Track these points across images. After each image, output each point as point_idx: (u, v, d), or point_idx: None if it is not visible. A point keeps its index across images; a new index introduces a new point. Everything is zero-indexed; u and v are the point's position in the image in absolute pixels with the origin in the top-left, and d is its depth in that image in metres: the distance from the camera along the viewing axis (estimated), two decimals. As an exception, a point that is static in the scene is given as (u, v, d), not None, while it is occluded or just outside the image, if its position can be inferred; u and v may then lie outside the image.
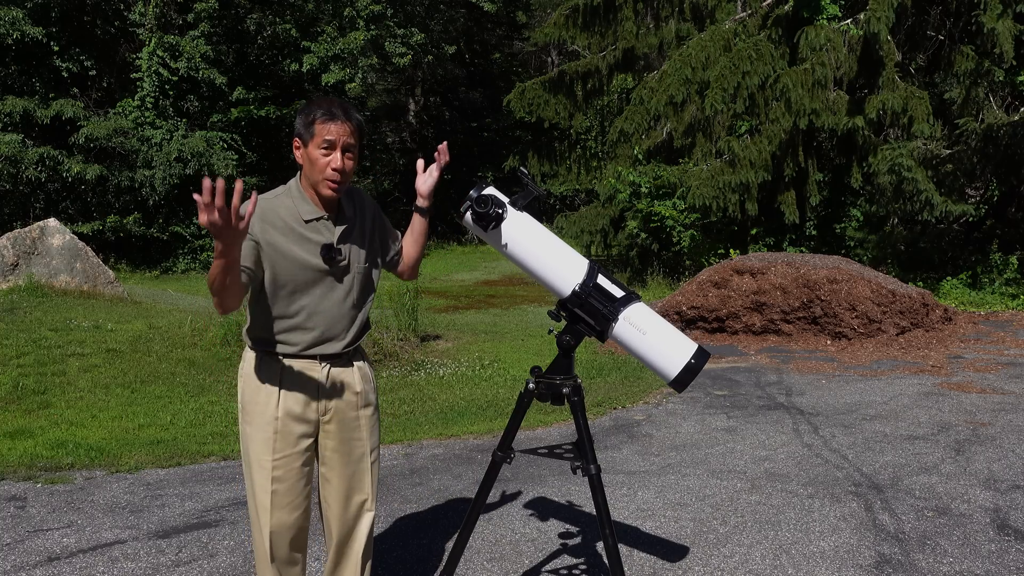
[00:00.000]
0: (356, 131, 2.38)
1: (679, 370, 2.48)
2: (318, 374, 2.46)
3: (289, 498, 2.47)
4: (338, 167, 2.35)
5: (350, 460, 2.54)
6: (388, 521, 3.96)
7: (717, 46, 14.38)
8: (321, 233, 2.41)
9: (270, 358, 2.44)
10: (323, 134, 2.33)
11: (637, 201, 15.17)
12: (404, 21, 21.53)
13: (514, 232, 2.52)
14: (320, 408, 2.48)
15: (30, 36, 16.71)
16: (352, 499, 2.56)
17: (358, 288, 2.50)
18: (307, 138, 2.35)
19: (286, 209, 2.40)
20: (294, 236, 2.38)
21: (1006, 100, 13.46)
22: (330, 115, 2.33)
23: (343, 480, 2.54)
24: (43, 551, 3.60)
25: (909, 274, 12.99)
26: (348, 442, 2.53)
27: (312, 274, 2.40)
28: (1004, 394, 6.56)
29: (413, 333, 9.10)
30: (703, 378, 7.07)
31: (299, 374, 2.44)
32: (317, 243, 2.40)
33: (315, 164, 2.35)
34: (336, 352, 2.47)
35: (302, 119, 2.37)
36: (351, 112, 2.38)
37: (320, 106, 2.36)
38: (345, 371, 2.52)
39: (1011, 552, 3.61)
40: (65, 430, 5.66)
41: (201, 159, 17.40)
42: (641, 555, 3.58)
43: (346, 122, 2.35)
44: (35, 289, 9.81)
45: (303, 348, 2.43)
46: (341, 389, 2.50)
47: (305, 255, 2.38)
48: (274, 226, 2.37)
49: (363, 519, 2.59)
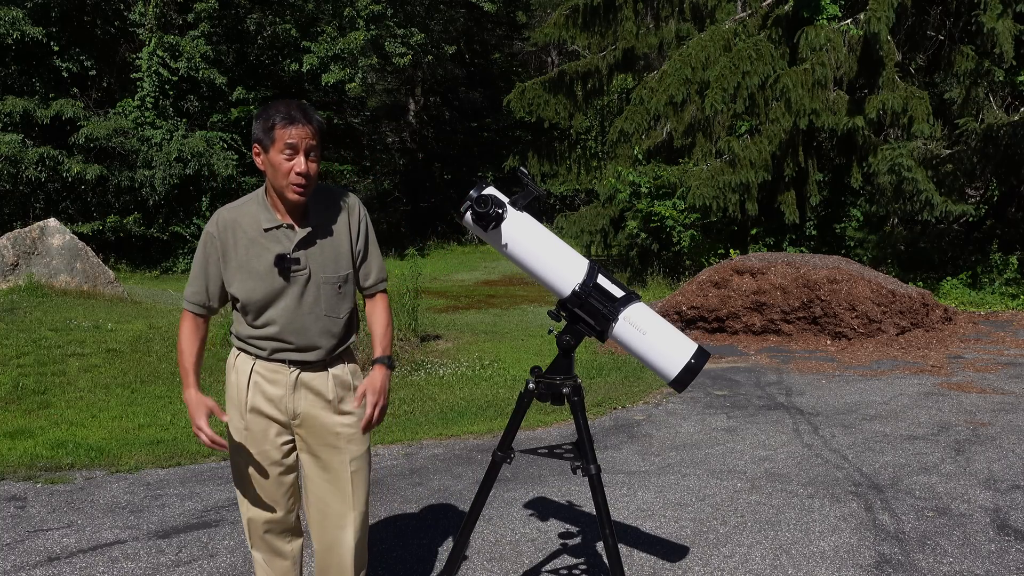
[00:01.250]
0: (317, 133, 2.33)
1: (679, 370, 2.48)
2: (285, 378, 2.44)
3: (265, 493, 2.50)
4: (302, 171, 2.29)
5: (327, 469, 2.49)
6: (388, 521, 3.96)
7: (717, 46, 14.38)
8: (280, 242, 2.37)
9: (245, 356, 2.48)
10: (284, 138, 2.27)
11: (637, 201, 15.16)
12: (404, 21, 21.51)
13: (514, 232, 2.52)
14: (288, 412, 2.46)
15: (30, 36, 16.71)
16: (332, 506, 2.50)
17: (328, 297, 2.42)
18: (267, 143, 2.29)
19: (249, 218, 2.38)
20: (254, 248, 2.37)
21: (1006, 100, 13.45)
22: (290, 118, 2.27)
23: (318, 490, 2.50)
24: (43, 551, 3.60)
25: (909, 274, 12.98)
26: (323, 450, 2.48)
27: (274, 286, 2.37)
28: (1004, 394, 6.56)
29: (413, 333, 9.10)
30: (703, 378, 7.07)
31: (267, 376, 2.45)
32: (274, 253, 2.36)
33: (278, 169, 2.29)
34: (309, 360, 2.45)
35: (260, 124, 2.30)
36: (311, 114, 2.33)
37: (278, 110, 2.30)
38: (316, 376, 2.46)
39: (1011, 552, 3.61)
40: (65, 430, 5.66)
41: (201, 159, 17.39)
42: (641, 555, 3.58)
43: (307, 124, 2.29)
44: (35, 289, 9.81)
45: (272, 353, 2.43)
46: (310, 395, 2.46)
47: (263, 265, 2.36)
48: (236, 239, 2.38)
49: (344, 532, 2.50)
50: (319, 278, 2.40)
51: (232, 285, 2.39)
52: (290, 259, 2.35)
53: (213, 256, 2.39)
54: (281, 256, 2.35)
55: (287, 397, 2.44)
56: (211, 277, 2.41)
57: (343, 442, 2.48)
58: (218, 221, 2.40)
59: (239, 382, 2.46)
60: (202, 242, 2.42)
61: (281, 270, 2.35)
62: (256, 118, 2.34)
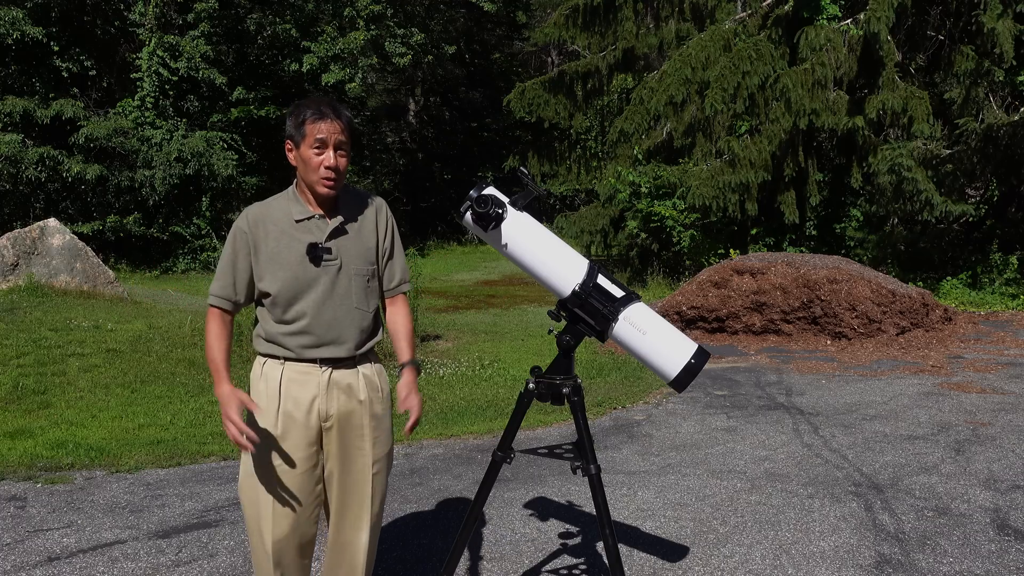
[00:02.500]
0: (347, 128, 2.39)
1: (679, 370, 2.48)
2: (318, 378, 2.42)
3: (291, 504, 2.43)
4: (331, 164, 2.35)
5: (353, 468, 2.49)
6: (388, 521, 3.96)
7: (717, 46, 14.38)
8: (311, 232, 2.41)
9: (274, 362, 2.45)
10: (314, 133, 2.34)
11: (637, 201, 15.16)
12: (404, 21, 21.51)
13: (514, 232, 2.52)
14: (321, 414, 2.43)
15: (30, 36, 16.70)
16: (351, 507, 2.51)
17: (358, 289, 2.44)
18: (299, 139, 2.37)
19: (280, 212, 2.43)
20: (285, 239, 2.40)
21: (1006, 100, 13.44)
22: (320, 114, 2.34)
23: (343, 487, 2.49)
24: (43, 551, 3.60)
25: (909, 274, 12.98)
26: (349, 450, 2.48)
27: (304, 276, 2.39)
28: (1004, 394, 6.56)
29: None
30: (703, 378, 7.07)
31: (298, 378, 2.42)
32: (306, 242, 2.40)
33: (309, 164, 2.36)
34: (339, 356, 2.44)
35: (292, 121, 2.38)
36: (340, 110, 2.39)
37: (309, 106, 2.37)
38: (348, 374, 2.46)
39: (1011, 552, 3.61)
40: (65, 430, 5.66)
41: (201, 159, 17.38)
42: (641, 555, 3.58)
43: (336, 120, 2.36)
44: (35, 289, 9.81)
45: (302, 351, 2.41)
46: (343, 395, 2.45)
47: (294, 256, 2.39)
48: (267, 232, 2.41)
49: (362, 530, 2.52)
50: (350, 269, 2.43)
51: (263, 279, 2.40)
52: (322, 248, 2.39)
53: (243, 251, 2.41)
54: (313, 244, 2.39)
55: (320, 398, 2.42)
56: (239, 271, 2.42)
57: (368, 444, 2.49)
58: (248, 216, 2.43)
59: (269, 390, 2.43)
60: (231, 238, 2.44)
61: (313, 257, 2.38)
62: (288, 115, 2.41)
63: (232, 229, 2.44)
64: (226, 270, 2.43)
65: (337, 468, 2.48)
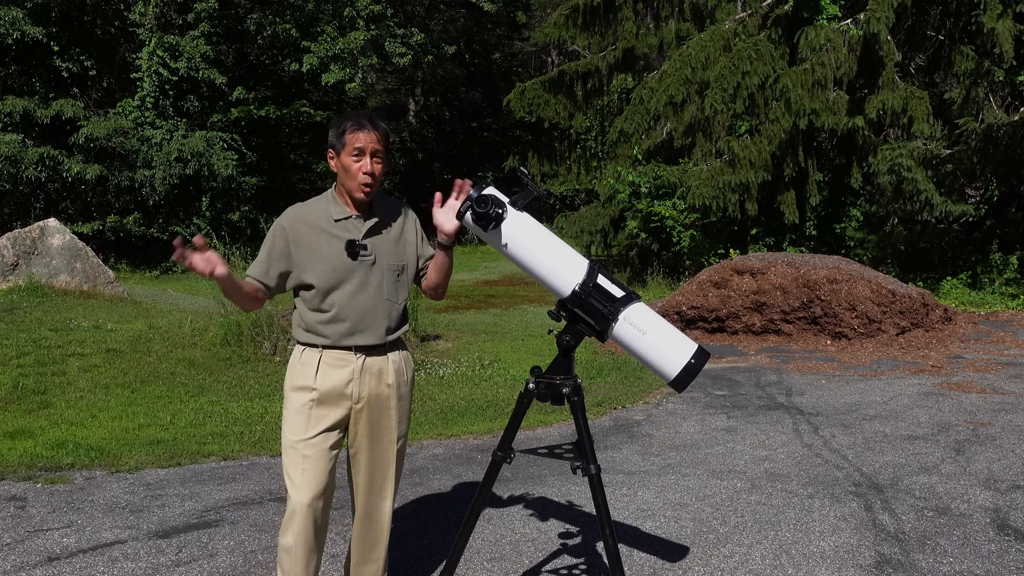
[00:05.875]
0: (383, 138, 2.64)
1: (679, 370, 2.48)
2: (353, 363, 2.66)
3: (316, 476, 2.63)
4: (369, 171, 2.60)
5: (379, 444, 2.74)
6: (388, 521, 3.96)
7: (717, 46, 14.38)
8: (349, 230, 2.65)
9: (312, 349, 2.67)
10: (354, 143, 2.58)
11: (637, 201, 15.16)
12: (404, 21, 21.52)
13: (514, 232, 2.53)
14: (354, 396, 2.67)
15: (30, 36, 16.71)
16: (376, 479, 2.77)
17: (389, 282, 2.69)
18: (339, 148, 2.61)
19: (319, 212, 2.68)
20: (324, 235, 2.64)
21: (1006, 100, 13.44)
22: (359, 125, 2.59)
23: (371, 462, 2.75)
24: (43, 551, 3.60)
25: (909, 274, 12.98)
26: (378, 428, 2.73)
27: (342, 269, 2.62)
28: (1004, 394, 6.56)
29: (413, 333, 9.10)
30: (703, 378, 7.07)
31: (335, 363, 2.65)
32: (344, 239, 2.63)
33: (348, 170, 2.60)
34: (371, 343, 2.67)
35: (334, 131, 2.63)
36: (377, 121, 2.64)
37: (349, 118, 2.62)
38: (379, 361, 2.70)
39: (1011, 552, 3.61)
40: (65, 430, 5.66)
41: (201, 159, 17.39)
42: (641, 555, 3.58)
43: (373, 130, 2.60)
44: (35, 289, 9.80)
45: (338, 339, 2.64)
46: (374, 379, 2.69)
47: (332, 251, 2.63)
48: (306, 227, 2.65)
49: (387, 499, 2.80)
50: (383, 264, 2.68)
51: (305, 271, 2.63)
52: (359, 244, 2.64)
53: (280, 244, 2.64)
54: (351, 241, 2.63)
55: (355, 381, 2.67)
56: (274, 261, 2.65)
57: (394, 423, 2.75)
58: (289, 214, 2.69)
59: (307, 372, 2.66)
60: (272, 232, 2.69)
61: (350, 253, 2.62)
62: (331, 127, 2.67)
63: (275, 224, 2.70)
64: (263, 258, 2.68)
65: (366, 445, 2.73)
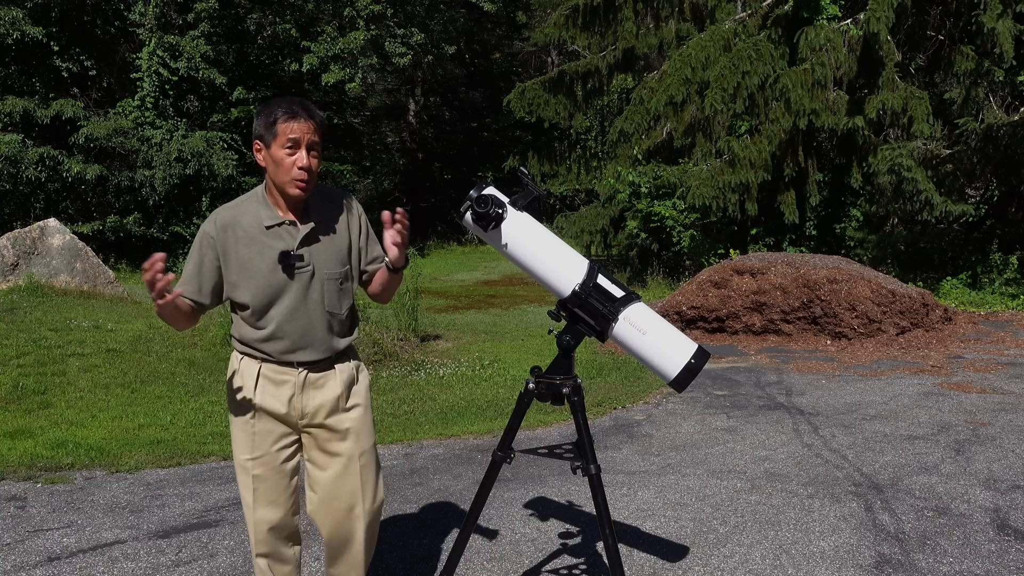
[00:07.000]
0: (319, 128, 2.34)
1: (679, 370, 2.48)
2: (294, 378, 2.44)
3: (271, 496, 2.48)
4: (304, 165, 2.31)
5: (333, 463, 2.50)
6: (388, 521, 3.96)
7: (717, 46, 14.38)
8: (282, 239, 2.37)
9: (250, 360, 2.46)
10: (287, 133, 2.28)
11: (637, 201, 15.17)
12: (404, 21, 21.51)
13: (514, 232, 2.52)
14: (297, 411, 2.46)
15: (30, 36, 16.69)
16: (338, 503, 2.51)
17: (331, 293, 2.43)
18: (269, 139, 2.31)
19: (250, 216, 2.38)
20: (255, 246, 2.36)
21: (1006, 100, 13.46)
22: (292, 113, 2.29)
23: (327, 484, 2.51)
24: (43, 551, 3.60)
25: (909, 274, 12.98)
26: (333, 446, 2.50)
27: (276, 284, 2.37)
28: (1004, 394, 6.56)
29: (413, 333, 9.10)
30: (703, 378, 7.07)
31: (275, 378, 2.44)
32: (277, 250, 2.36)
33: (280, 165, 2.31)
34: (314, 359, 2.45)
35: (262, 120, 2.32)
36: (313, 109, 2.34)
37: (280, 105, 2.31)
38: (324, 375, 2.48)
39: (1011, 552, 3.61)
40: (65, 430, 5.66)
41: (201, 159, 17.38)
42: (641, 555, 3.58)
43: (309, 119, 2.31)
44: (35, 289, 9.80)
45: (279, 356, 2.43)
46: (318, 394, 2.47)
47: (265, 264, 2.36)
48: (234, 238, 2.36)
49: (356, 524, 2.52)
50: (323, 274, 2.40)
51: (236, 288, 2.38)
52: (294, 256, 2.35)
53: (209, 256, 2.38)
54: (285, 253, 2.35)
55: (296, 397, 2.45)
56: (205, 276, 2.39)
57: (352, 437, 2.50)
58: (216, 221, 2.39)
59: (246, 385, 2.45)
60: (198, 241, 2.40)
61: (285, 267, 2.35)
62: (257, 115, 2.34)
63: (199, 232, 2.41)
64: (192, 273, 2.40)
65: (323, 463, 2.51)
